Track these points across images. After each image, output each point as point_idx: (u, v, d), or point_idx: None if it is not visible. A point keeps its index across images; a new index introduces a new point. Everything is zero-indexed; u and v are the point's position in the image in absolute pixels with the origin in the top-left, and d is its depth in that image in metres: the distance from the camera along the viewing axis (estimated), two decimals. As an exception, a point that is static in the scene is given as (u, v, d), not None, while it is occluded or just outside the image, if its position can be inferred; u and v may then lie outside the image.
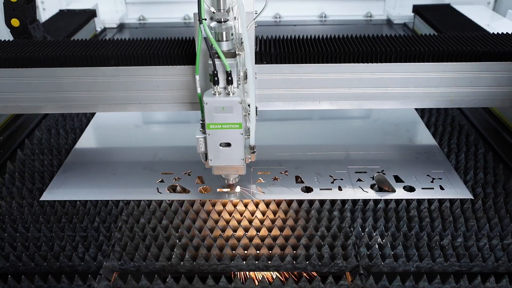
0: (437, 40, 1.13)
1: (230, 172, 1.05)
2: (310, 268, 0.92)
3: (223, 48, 0.90)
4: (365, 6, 2.31)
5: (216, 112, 0.91)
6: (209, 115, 0.91)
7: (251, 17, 0.94)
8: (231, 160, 0.98)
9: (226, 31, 0.89)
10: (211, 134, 0.94)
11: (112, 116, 1.48)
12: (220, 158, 0.97)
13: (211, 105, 0.90)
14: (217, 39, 0.89)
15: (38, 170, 1.19)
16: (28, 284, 0.88)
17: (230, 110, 0.90)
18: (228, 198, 1.07)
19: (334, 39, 1.15)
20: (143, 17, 2.32)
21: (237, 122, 0.92)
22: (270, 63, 1.07)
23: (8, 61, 1.10)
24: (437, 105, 1.13)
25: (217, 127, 0.93)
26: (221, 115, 0.91)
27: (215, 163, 0.98)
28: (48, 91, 1.12)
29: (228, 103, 0.90)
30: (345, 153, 1.24)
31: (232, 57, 0.90)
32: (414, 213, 1.02)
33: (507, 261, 0.91)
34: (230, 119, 0.92)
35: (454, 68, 1.08)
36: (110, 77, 1.09)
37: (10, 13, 1.31)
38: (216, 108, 0.90)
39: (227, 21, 0.89)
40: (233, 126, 0.93)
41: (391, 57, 1.07)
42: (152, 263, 0.93)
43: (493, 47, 1.09)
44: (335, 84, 1.10)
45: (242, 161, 0.98)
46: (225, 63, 0.87)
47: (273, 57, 1.06)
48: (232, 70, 0.88)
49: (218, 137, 0.94)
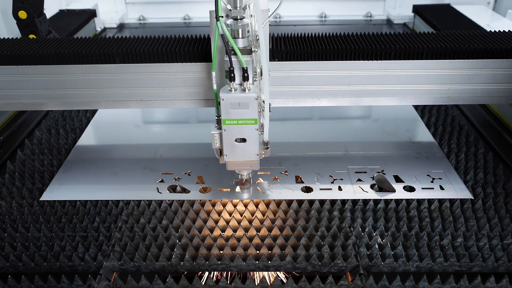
0: (435, 38, 1.14)
1: (244, 168, 1.06)
2: (310, 268, 0.92)
3: (239, 45, 0.91)
4: (365, 6, 2.31)
5: (232, 108, 0.92)
6: (225, 111, 0.92)
7: (266, 15, 0.95)
8: (246, 156, 0.98)
9: (242, 28, 0.91)
10: (227, 129, 0.95)
11: (112, 116, 1.48)
12: (235, 154, 0.98)
13: (227, 101, 0.91)
14: (233, 36, 0.91)
15: (38, 170, 1.19)
16: (28, 284, 0.88)
17: (246, 106, 0.92)
18: (228, 198, 1.07)
19: (332, 37, 1.16)
20: (143, 17, 2.32)
21: (252, 118, 0.93)
22: (282, 60, 1.09)
23: (12, 58, 1.11)
24: (435, 102, 1.15)
25: (233, 122, 0.94)
26: (236, 111, 0.92)
27: (231, 159, 0.99)
28: (50, 88, 1.13)
29: (244, 99, 0.91)
30: (345, 153, 1.24)
31: (248, 54, 0.92)
32: (414, 213, 1.02)
33: (507, 261, 0.91)
34: (246, 115, 0.93)
35: (451, 66, 1.10)
36: (113, 74, 1.11)
37: (19, 5, 1.33)
38: (232, 104, 0.91)
39: (243, 18, 0.91)
40: (248, 122, 0.94)
41: (390, 55, 1.08)
42: (152, 263, 0.93)
43: (489, 44, 1.10)
44: (334, 81, 1.11)
45: (257, 157, 0.99)
46: (241, 59, 0.89)
47: (283, 54, 1.08)
48: (248, 66, 0.90)
49: (233, 133, 0.95)
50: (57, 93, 1.14)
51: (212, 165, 1.18)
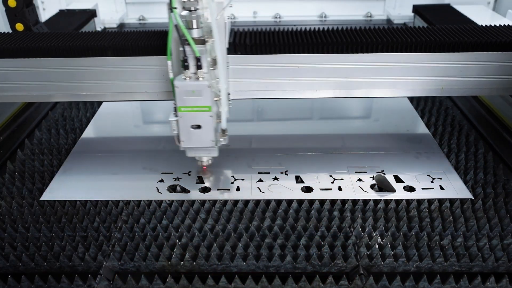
0: (429, 32, 1.17)
1: (203, 154, 1.10)
2: (310, 268, 0.92)
3: (194, 35, 0.95)
4: (365, 6, 2.31)
5: (186, 96, 0.96)
6: (180, 98, 0.97)
7: (220, 6, 0.97)
8: (202, 142, 1.03)
9: (196, 19, 0.94)
10: (182, 116, 0.99)
11: (112, 116, 1.48)
12: (191, 140, 1.02)
13: (181, 88, 0.96)
14: (188, 27, 0.94)
15: (38, 170, 1.19)
16: (28, 284, 0.88)
17: (200, 94, 0.96)
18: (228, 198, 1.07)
19: (333, 30, 1.20)
20: (143, 17, 2.32)
21: (206, 105, 0.97)
22: (245, 54, 1.13)
23: (21, 51, 1.13)
24: (429, 94, 1.18)
25: (188, 110, 0.98)
26: (191, 99, 0.97)
27: (187, 145, 1.03)
28: (59, 80, 1.16)
29: (197, 87, 0.95)
30: (345, 153, 1.24)
31: (201, 43, 0.95)
32: (414, 213, 1.02)
33: (507, 261, 0.91)
34: (200, 102, 0.97)
35: (444, 58, 1.13)
36: (119, 66, 1.14)
37: (13, 18, 1.39)
38: (186, 92, 0.96)
39: (197, 9, 0.94)
40: (203, 109, 0.98)
41: (384, 48, 1.11)
42: (152, 263, 0.93)
43: (481, 38, 1.13)
44: (330, 74, 1.15)
45: (212, 143, 1.02)
46: (194, 49, 0.92)
47: (247, 48, 1.12)
48: (202, 56, 0.93)
49: (189, 119, 1.00)
50: (65, 85, 1.17)
51: (212, 165, 1.18)
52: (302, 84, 1.15)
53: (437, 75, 1.14)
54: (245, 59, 1.13)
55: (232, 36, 1.16)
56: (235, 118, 1.45)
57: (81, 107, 1.50)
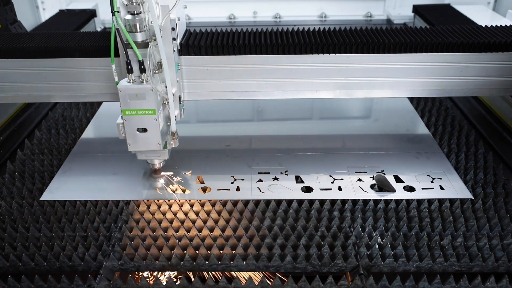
0: (429, 32, 1.16)
1: (153, 157, 1.10)
2: (310, 268, 0.92)
3: (138, 38, 0.95)
4: (365, 6, 2.30)
5: (130, 99, 0.96)
6: (124, 101, 0.97)
7: (166, 10, 0.97)
8: (148, 145, 1.02)
9: (139, 23, 0.94)
10: (128, 120, 0.99)
11: (112, 116, 1.48)
12: (138, 143, 1.02)
13: (125, 92, 0.95)
14: (131, 30, 0.94)
15: (38, 170, 1.19)
16: (28, 284, 0.88)
17: (143, 97, 0.96)
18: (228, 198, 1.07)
19: (339, 30, 1.20)
20: (143, 17, 2.32)
21: (150, 108, 0.97)
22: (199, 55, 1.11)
23: (20, 51, 1.13)
24: (429, 94, 1.17)
25: (133, 113, 0.98)
26: (135, 102, 0.96)
27: (134, 148, 1.03)
28: (58, 80, 1.16)
29: (140, 90, 0.95)
30: (345, 153, 1.24)
31: (145, 47, 0.94)
32: (414, 213, 1.02)
33: (507, 261, 0.91)
34: (144, 105, 0.97)
35: (445, 59, 1.12)
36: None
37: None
38: (130, 95, 0.96)
39: (140, 13, 0.94)
40: (147, 112, 0.98)
41: (384, 48, 1.11)
42: (152, 263, 0.93)
43: (481, 38, 1.13)
44: (328, 75, 1.14)
45: (159, 146, 1.02)
46: (137, 52, 0.92)
47: (201, 49, 1.10)
48: (145, 59, 0.93)
49: (134, 123, 1.00)
50: (65, 86, 1.17)
51: (212, 165, 1.18)
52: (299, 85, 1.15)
53: (437, 75, 1.14)
54: (198, 60, 1.11)
55: (187, 37, 1.13)
56: (235, 118, 1.46)
57: (81, 107, 1.50)
